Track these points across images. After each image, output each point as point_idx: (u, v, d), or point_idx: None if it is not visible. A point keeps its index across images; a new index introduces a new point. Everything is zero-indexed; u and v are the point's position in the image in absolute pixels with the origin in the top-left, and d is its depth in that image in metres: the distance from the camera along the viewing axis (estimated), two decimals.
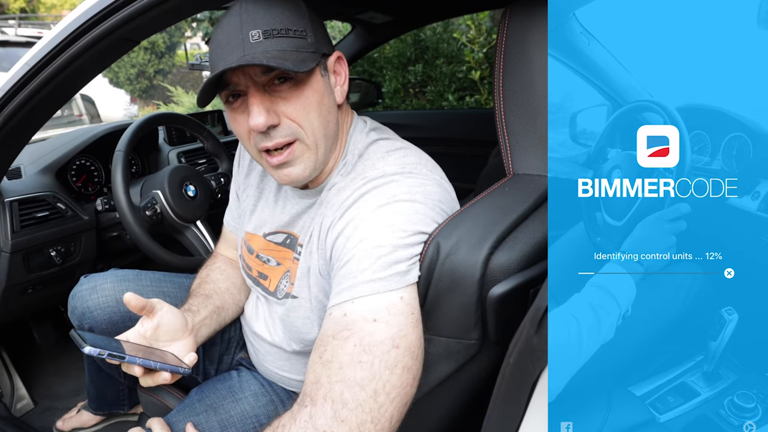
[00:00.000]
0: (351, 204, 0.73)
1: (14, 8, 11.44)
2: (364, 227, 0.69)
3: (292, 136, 0.74)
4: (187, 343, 0.84)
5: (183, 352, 0.82)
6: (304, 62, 0.71)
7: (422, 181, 0.73)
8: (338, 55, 0.80)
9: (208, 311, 0.93)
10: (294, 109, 0.73)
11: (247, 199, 0.98)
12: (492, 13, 2.89)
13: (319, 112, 0.75)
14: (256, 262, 0.94)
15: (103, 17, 0.80)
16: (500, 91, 0.74)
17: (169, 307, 0.83)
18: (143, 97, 9.56)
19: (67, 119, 4.52)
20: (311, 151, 0.76)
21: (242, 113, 0.75)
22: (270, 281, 0.91)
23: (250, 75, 0.71)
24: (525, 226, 0.67)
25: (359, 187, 0.74)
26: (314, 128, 0.75)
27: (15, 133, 0.96)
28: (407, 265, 0.67)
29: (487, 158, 1.19)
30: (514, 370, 0.56)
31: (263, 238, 0.92)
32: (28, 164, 1.50)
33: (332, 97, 0.78)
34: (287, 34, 0.71)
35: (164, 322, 0.81)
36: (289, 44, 0.71)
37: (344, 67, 0.81)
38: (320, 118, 0.75)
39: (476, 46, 2.94)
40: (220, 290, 1.01)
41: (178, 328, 0.83)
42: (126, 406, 1.45)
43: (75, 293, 1.07)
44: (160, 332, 0.81)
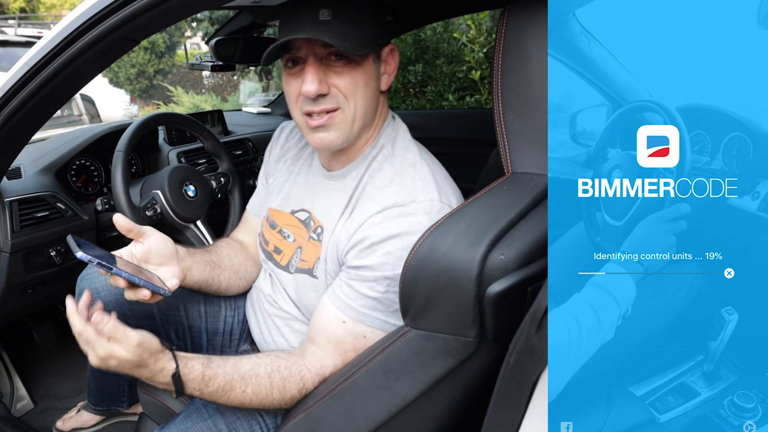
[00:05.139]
0: (369, 226, 0.82)
1: (14, 8, 11.43)
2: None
3: (337, 105, 0.83)
4: (174, 269, 0.90)
5: (168, 276, 0.88)
6: (361, 47, 0.80)
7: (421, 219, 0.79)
8: (392, 47, 0.88)
9: (203, 259, 1.00)
10: (344, 83, 0.82)
11: (277, 180, 1.04)
12: (492, 13, 2.89)
13: (365, 91, 0.84)
14: (276, 236, 0.99)
15: (103, 17, 0.80)
16: (499, 90, 0.74)
17: (159, 235, 0.89)
18: (143, 97, 9.55)
19: (67, 119, 4.52)
20: (348, 123, 0.84)
21: (297, 78, 0.84)
22: (283, 256, 0.97)
23: (312, 46, 0.80)
24: (523, 224, 0.67)
25: (379, 211, 0.82)
26: (357, 103, 0.83)
27: (15, 133, 0.96)
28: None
29: (487, 158, 1.20)
30: (514, 370, 0.56)
31: (291, 214, 0.98)
32: (28, 164, 1.50)
33: (377, 83, 0.87)
34: (351, 20, 0.79)
35: (154, 246, 0.87)
36: (351, 28, 0.79)
37: (395, 58, 0.89)
38: (364, 97, 0.84)
39: (476, 45, 2.93)
40: (221, 253, 1.06)
41: (167, 254, 0.89)
42: (125, 404, 1.45)
43: (83, 276, 1.10)
44: (151, 255, 0.87)
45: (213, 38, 1.71)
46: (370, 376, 0.75)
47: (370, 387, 0.76)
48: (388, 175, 0.86)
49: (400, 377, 0.73)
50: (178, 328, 1.10)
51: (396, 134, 0.91)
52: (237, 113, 2.50)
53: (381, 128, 0.91)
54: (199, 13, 1.70)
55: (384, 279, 0.79)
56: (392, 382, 0.74)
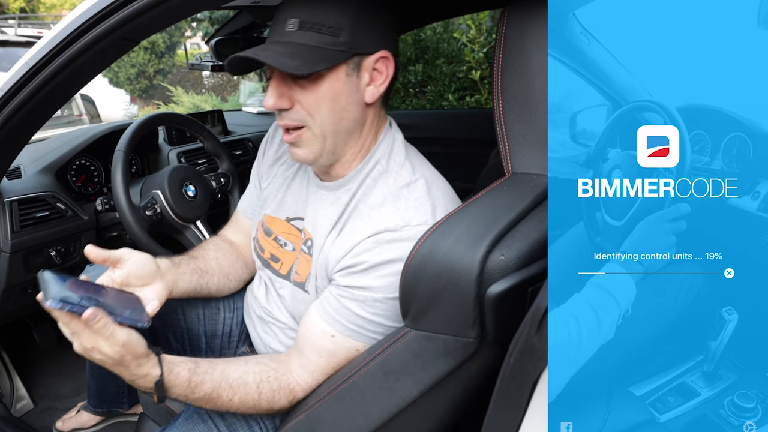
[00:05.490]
0: (360, 251, 0.78)
1: (14, 8, 11.43)
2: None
3: (300, 122, 0.79)
4: (157, 288, 0.88)
5: (150, 297, 0.86)
6: (318, 62, 0.73)
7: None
8: (383, 55, 0.78)
9: (189, 268, 0.98)
10: (307, 100, 0.77)
11: (272, 185, 1.00)
12: (492, 13, 2.89)
13: (332, 107, 0.77)
14: (272, 244, 0.96)
15: (103, 17, 0.80)
16: (499, 90, 0.74)
17: (137, 255, 0.87)
18: (143, 97, 9.55)
19: (67, 119, 4.52)
20: (317, 140, 0.80)
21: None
22: (282, 264, 0.94)
23: None
24: (523, 224, 0.67)
25: (371, 235, 0.78)
26: (323, 121, 0.78)
27: (15, 133, 0.96)
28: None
29: (487, 158, 1.19)
30: (514, 370, 0.56)
31: (286, 221, 0.95)
32: (28, 164, 1.50)
33: (356, 96, 0.79)
34: (320, 30, 0.74)
35: (133, 269, 0.85)
36: (317, 39, 0.74)
37: (389, 67, 0.79)
38: (332, 113, 0.78)
39: (476, 45, 2.93)
40: (208, 257, 1.04)
41: (148, 274, 0.87)
42: (125, 405, 1.45)
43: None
44: (131, 279, 0.85)
45: (213, 38, 1.71)
46: (370, 377, 0.75)
47: (370, 388, 0.76)
48: (382, 193, 0.81)
49: (400, 378, 0.73)
50: (176, 331, 1.09)
51: (392, 148, 0.85)
52: (237, 113, 2.51)
53: (376, 141, 0.85)
54: (199, 13, 1.70)
55: (374, 301, 0.77)
56: (392, 382, 0.74)
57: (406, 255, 0.72)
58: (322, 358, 0.82)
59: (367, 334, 0.79)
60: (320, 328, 0.81)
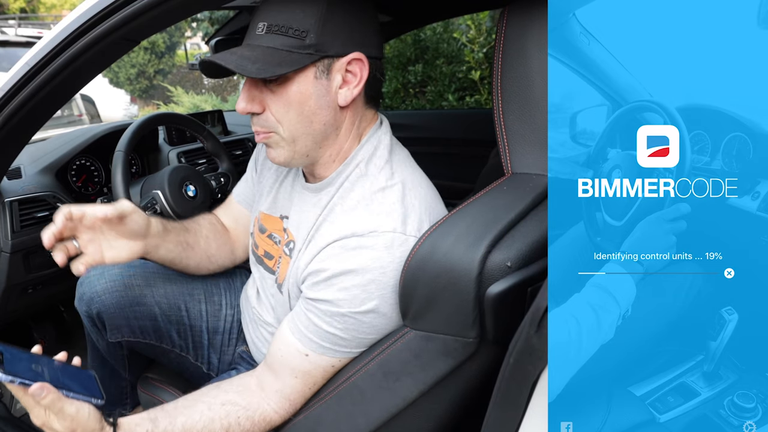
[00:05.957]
0: (325, 256, 0.76)
1: (14, 8, 11.44)
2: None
3: (269, 129, 0.79)
4: (133, 246, 0.90)
5: (124, 252, 0.89)
6: (283, 65, 0.72)
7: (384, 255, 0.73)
8: (355, 57, 0.76)
9: (177, 239, 0.98)
10: (276, 105, 0.77)
11: (267, 179, 1.00)
12: (492, 13, 2.89)
13: (300, 111, 0.76)
14: (266, 241, 0.96)
15: (103, 17, 0.80)
16: (498, 91, 0.74)
17: (138, 214, 0.89)
18: (143, 97, 9.55)
19: (67, 119, 4.53)
20: (287, 144, 0.79)
21: None
22: (275, 261, 0.94)
23: None
24: (523, 224, 0.67)
25: (337, 239, 0.76)
26: (292, 125, 0.77)
27: (15, 133, 0.96)
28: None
29: (486, 158, 1.19)
30: (514, 370, 0.56)
31: (280, 218, 0.94)
32: (28, 164, 1.50)
33: (327, 99, 0.77)
34: (286, 33, 0.73)
35: (130, 220, 0.87)
36: (283, 42, 0.73)
37: (362, 69, 0.77)
38: (301, 117, 0.77)
39: (476, 46, 2.94)
40: (200, 234, 1.04)
41: (135, 232, 0.89)
42: (129, 406, 1.44)
43: (83, 280, 1.09)
44: (120, 228, 0.87)
45: (213, 38, 1.71)
46: (369, 377, 0.75)
47: (370, 388, 0.76)
48: (356, 197, 0.78)
49: (400, 378, 0.73)
50: (179, 328, 1.10)
51: (375, 150, 0.82)
52: (237, 113, 2.50)
53: (359, 143, 0.83)
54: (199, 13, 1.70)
55: (341, 316, 0.74)
56: (392, 383, 0.74)
57: (369, 266, 0.71)
58: (298, 378, 0.80)
59: (341, 350, 0.77)
60: (294, 347, 0.79)
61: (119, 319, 1.04)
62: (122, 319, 1.05)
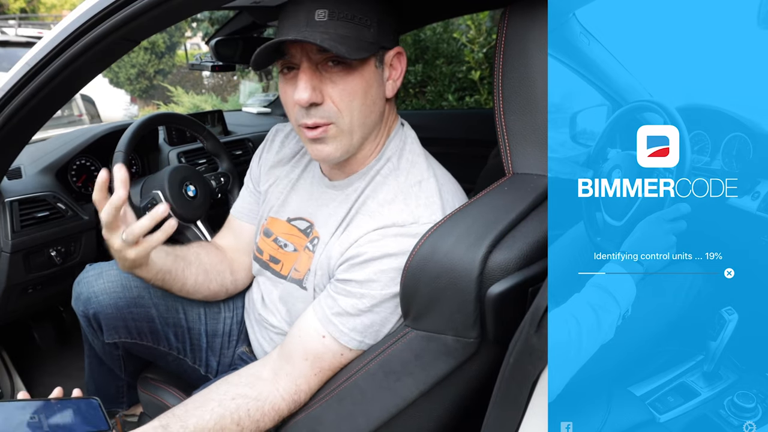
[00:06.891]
0: (364, 242, 0.78)
1: (14, 8, 11.43)
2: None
3: (329, 119, 0.77)
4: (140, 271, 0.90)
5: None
6: (359, 51, 0.74)
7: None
8: (399, 50, 0.81)
9: (165, 248, 0.96)
10: (339, 94, 0.76)
11: (275, 186, 0.99)
12: (492, 13, 2.89)
13: (363, 100, 0.77)
14: (271, 246, 0.96)
15: (104, 17, 0.80)
16: (499, 91, 0.74)
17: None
18: (143, 97, 9.55)
19: (67, 119, 4.53)
20: (345, 135, 0.79)
21: (292, 85, 0.78)
22: (282, 266, 0.93)
23: (306, 51, 0.75)
24: (524, 225, 0.67)
25: (377, 228, 0.78)
26: (353, 115, 0.78)
27: (15, 133, 0.96)
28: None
29: (487, 158, 1.19)
30: (514, 370, 0.56)
31: (287, 222, 0.94)
32: (28, 164, 1.50)
33: (382, 90, 0.81)
34: (352, 20, 0.74)
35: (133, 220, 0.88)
36: (350, 30, 0.74)
37: (402, 63, 0.82)
38: (362, 107, 0.78)
39: (476, 46, 2.94)
40: (189, 249, 1.03)
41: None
42: (125, 405, 1.45)
43: (80, 279, 1.08)
44: (124, 224, 0.88)
45: (213, 38, 1.71)
46: (370, 377, 0.75)
47: (370, 388, 0.76)
48: (392, 191, 0.81)
49: (400, 378, 0.73)
50: (177, 330, 1.09)
51: (404, 145, 0.86)
52: (237, 113, 2.50)
53: (388, 138, 0.86)
54: (199, 13, 1.70)
55: (369, 297, 0.76)
56: (393, 383, 0.74)
57: (409, 251, 0.71)
58: (308, 361, 0.81)
59: (355, 338, 0.78)
60: (313, 328, 0.80)
61: (116, 320, 1.04)
62: (119, 320, 1.04)
